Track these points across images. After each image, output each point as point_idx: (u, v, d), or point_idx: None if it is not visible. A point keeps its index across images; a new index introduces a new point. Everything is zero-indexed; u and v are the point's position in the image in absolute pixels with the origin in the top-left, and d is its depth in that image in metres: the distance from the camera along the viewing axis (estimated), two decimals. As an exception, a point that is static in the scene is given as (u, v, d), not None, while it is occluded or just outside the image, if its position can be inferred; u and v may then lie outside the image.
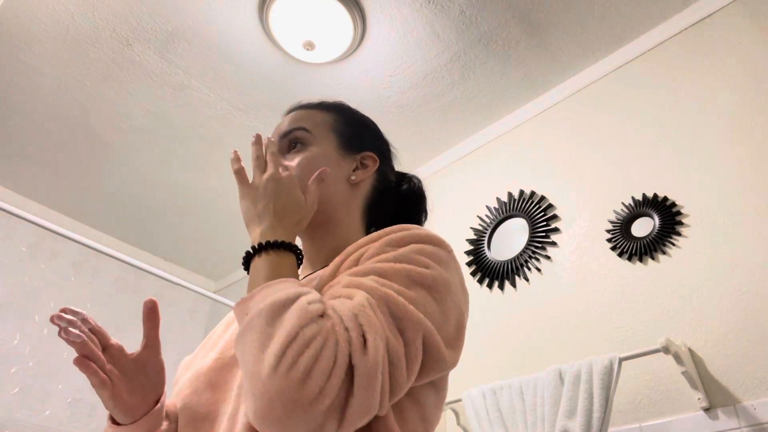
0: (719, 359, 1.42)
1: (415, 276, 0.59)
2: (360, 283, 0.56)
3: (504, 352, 1.86)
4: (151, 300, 0.71)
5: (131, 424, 0.69)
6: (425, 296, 0.58)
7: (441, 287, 0.60)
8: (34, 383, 2.39)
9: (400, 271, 0.58)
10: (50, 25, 1.98)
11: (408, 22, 1.96)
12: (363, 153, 0.82)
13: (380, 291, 0.55)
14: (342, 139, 0.82)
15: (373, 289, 0.55)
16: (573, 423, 1.35)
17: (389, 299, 0.54)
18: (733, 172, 1.61)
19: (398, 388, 0.52)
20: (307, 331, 0.48)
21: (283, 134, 0.82)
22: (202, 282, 3.37)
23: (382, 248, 0.63)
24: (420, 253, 0.62)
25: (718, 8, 1.85)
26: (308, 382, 0.46)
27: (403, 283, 0.57)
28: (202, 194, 2.75)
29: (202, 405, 0.68)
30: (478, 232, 2.17)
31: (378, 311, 0.53)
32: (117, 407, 0.67)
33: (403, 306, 0.55)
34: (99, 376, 0.65)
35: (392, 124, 2.36)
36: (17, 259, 2.56)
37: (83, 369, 0.64)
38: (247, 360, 0.50)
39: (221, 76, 2.17)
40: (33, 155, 2.52)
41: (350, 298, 0.54)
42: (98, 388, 0.66)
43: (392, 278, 0.58)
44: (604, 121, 2.01)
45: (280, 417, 0.46)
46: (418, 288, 0.58)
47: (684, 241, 1.62)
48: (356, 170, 0.81)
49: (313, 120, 0.83)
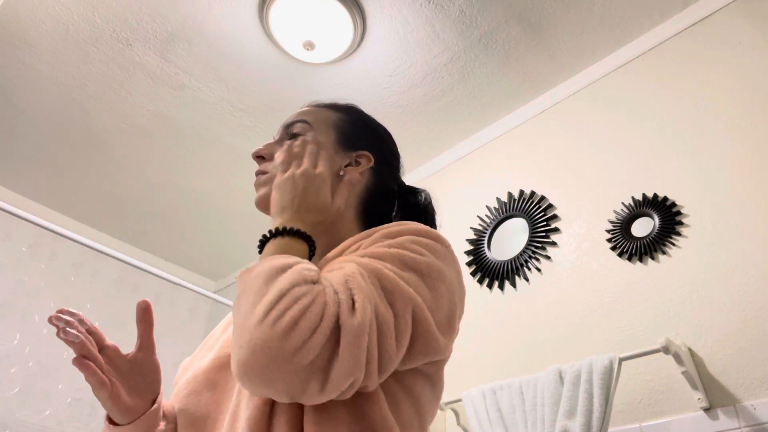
0: (719, 359, 1.42)
1: (407, 260, 0.59)
2: (352, 259, 0.58)
3: (504, 352, 1.86)
4: (144, 301, 0.71)
5: (129, 424, 0.69)
6: (417, 280, 0.58)
7: (434, 274, 0.60)
8: (34, 383, 2.39)
9: (393, 254, 0.59)
10: (50, 25, 1.98)
11: (408, 22, 1.96)
12: (359, 151, 0.81)
13: (372, 265, 0.56)
14: (340, 135, 0.82)
15: (365, 263, 0.57)
16: (573, 423, 1.35)
17: (380, 272, 0.56)
18: (733, 172, 1.61)
19: (387, 359, 0.53)
20: (297, 290, 0.50)
21: (285, 125, 0.84)
22: (202, 282, 3.37)
23: (377, 240, 0.64)
24: (416, 242, 0.63)
25: (718, 8, 1.85)
26: (292, 334, 0.47)
27: (395, 264, 0.58)
28: (202, 194, 2.76)
29: (202, 405, 0.68)
30: (478, 232, 2.17)
31: (368, 280, 0.54)
32: (115, 407, 0.68)
33: (394, 280, 0.56)
34: (98, 377, 0.66)
35: (392, 124, 2.35)
36: (17, 259, 2.56)
37: (82, 369, 0.65)
38: (239, 316, 0.51)
39: (221, 76, 2.17)
40: (33, 155, 2.52)
41: (341, 269, 0.56)
42: (97, 389, 0.66)
43: (385, 259, 0.59)
44: (604, 121, 2.01)
45: (263, 365, 0.47)
46: (411, 272, 0.59)
47: (684, 241, 1.62)
48: (348, 166, 0.80)
49: (316, 115, 0.84)
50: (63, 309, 0.67)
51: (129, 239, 3.07)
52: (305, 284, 0.51)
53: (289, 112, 2.57)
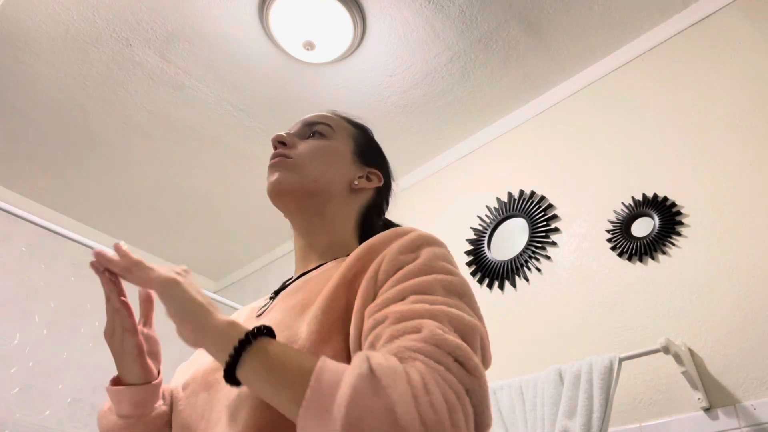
0: (719, 359, 1.42)
1: (447, 286, 0.60)
2: (412, 311, 0.55)
3: (504, 352, 1.86)
4: (146, 290, 0.74)
5: (143, 385, 0.70)
6: (461, 305, 0.59)
7: (467, 291, 0.61)
8: (34, 383, 2.39)
9: (433, 283, 0.59)
10: (50, 26, 1.98)
11: (408, 22, 1.96)
12: (372, 169, 0.86)
13: (435, 310, 0.55)
14: (358, 149, 0.86)
15: (429, 311, 0.54)
16: (573, 423, 1.35)
17: (450, 316, 0.55)
18: (733, 172, 1.61)
19: None
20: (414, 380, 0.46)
21: (306, 123, 0.86)
22: (202, 282, 3.37)
23: (396, 257, 0.62)
24: (438, 258, 0.63)
25: (718, 8, 1.85)
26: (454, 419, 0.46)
27: (441, 294, 0.58)
28: (202, 194, 2.75)
29: (199, 406, 0.68)
30: (478, 232, 2.17)
31: (448, 331, 0.53)
32: (138, 360, 0.69)
33: (460, 317, 0.56)
34: (132, 320, 0.68)
35: (392, 124, 2.36)
36: (17, 259, 2.56)
37: (125, 308, 0.68)
38: None
39: (221, 76, 2.17)
40: (33, 155, 2.52)
41: (418, 331, 0.51)
42: (129, 334, 0.68)
43: (431, 292, 0.58)
44: (604, 121, 2.01)
45: None
46: (454, 297, 0.59)
47: (684, 241, 1.62)
48: (361, 178, 0.84)
49: (338, 123, 0.87)
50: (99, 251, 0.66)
51: (129, 239, 3.07)
52: (405, 375, 0.46)
53: (289, 112, 2.56)
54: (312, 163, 0.80)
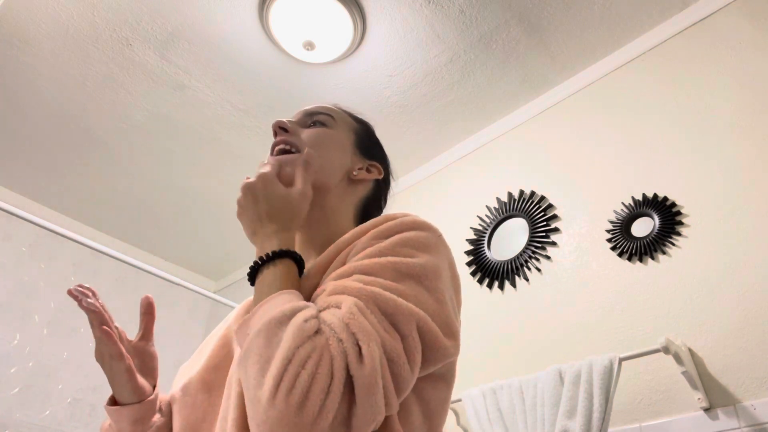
0: (719, 359, 1.42)
1: (402, 268, 0.59)
2: (345, 287, 0.56)
3: (504, 352, 1.86)
4: (148, 296, 0.77)
5: (138, 403, 0.71)
6: (415, 287, 0.58)
7: (430, 275, 0.60)
8: (34, 383, 2.39)
9: (386, 265, 0.59)
10: (50, 25, 1.98)
11: (408, 22, 1.96)
12: (372, 161, 0.86)
13: (366, 290, 0.55)
14: (358, 141, 0.86)
15: (359, 290, 0.55)
16: (573, 423, 1.35)
17: (377, 297, 0.55)
18: (733, 172, 1.61)
19: (404, 384, 0.53)
20: (302, 351, 0.48)
21: (308, 113, 0.85)
22: (202, 282, 3.37)
23: (368, 242, 0.63)
24: (405, 243, 0.62)
25: (718, 8, 1.85)
26: (307, 403, 0.46)
27: (390, 276, 0.58)
28: (202, 194, 2.75)
29: (198, 407, 0.68)
30: (478, 232, 2.17)
31: (368, 313, 0.53)
32: (130, 382, 0.70)
33: (392, 300, 0.55)
34: (118, 347, 0.69)
35: (392, 124, 2.36)
36: (17, 259, 2.56)
37: (105, 337, 0.69)
38: (249, 384, 0.50)
39: (221, 76, 2.17)
40: (33, 155, 2.52)
41: (338, 306, 0.53)
42: (116, 360, 0.69)
43: (378, 274, 0.58)
44: (604, 121, 2.01)
45: None
46: (407, 280, 0.58)
47: (684, 241, 1.62)
48: (361, 170, 0.83)
49: (339, 115, 0.86)
50: (80, 285, 0.71)
51: (129, 239, 3.07)
52: (308, 341, 0.49)
53: (289, 112, 2.57)
54: None
